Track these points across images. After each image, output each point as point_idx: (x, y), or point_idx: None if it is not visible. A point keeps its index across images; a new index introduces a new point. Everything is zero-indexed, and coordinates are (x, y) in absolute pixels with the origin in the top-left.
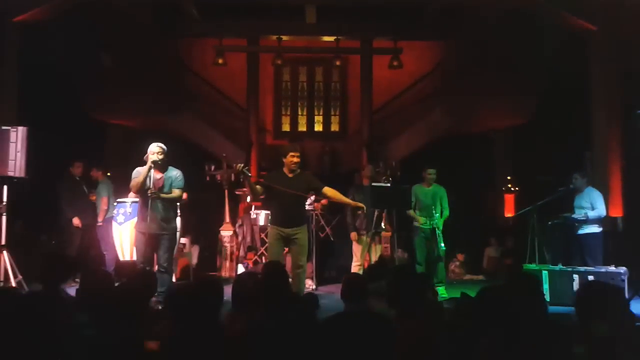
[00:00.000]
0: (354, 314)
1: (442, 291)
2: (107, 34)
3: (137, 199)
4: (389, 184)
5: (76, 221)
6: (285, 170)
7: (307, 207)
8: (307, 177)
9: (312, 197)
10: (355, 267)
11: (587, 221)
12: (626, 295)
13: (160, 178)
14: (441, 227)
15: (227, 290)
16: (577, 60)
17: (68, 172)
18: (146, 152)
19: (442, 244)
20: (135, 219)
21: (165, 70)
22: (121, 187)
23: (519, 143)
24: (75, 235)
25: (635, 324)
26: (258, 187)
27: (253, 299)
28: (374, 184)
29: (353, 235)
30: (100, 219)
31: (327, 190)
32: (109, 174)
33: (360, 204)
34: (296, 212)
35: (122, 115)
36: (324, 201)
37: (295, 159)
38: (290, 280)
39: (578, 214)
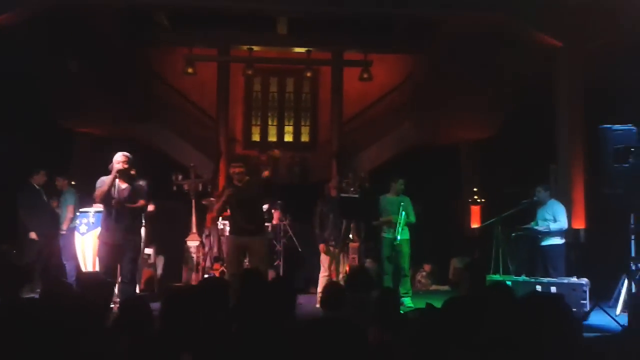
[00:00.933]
0: (332, 320)
1: (407, 302)
2: (76, 41)
3: (100, 209)
4: (357, 195)
5: (32, 235)
6: (235, 181)
7: (266, 217)
8: (255, 180)
9: (266, 206)
10: (323, 278)
11: (550, 233)
12: (587, 306)
13: (125, 188)
14: (407, 237)
15: None
16: (543, 75)
17: (27, 181)
18: (112, 161)
19: (406, 264)
20: (98, 229)
21: (134, 79)
22: (86, 196)
23: (486, 155)
24: (35, 244)
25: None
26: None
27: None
28: (342, 194)
29: (321, 246)
30: (64, 227)
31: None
32: (73, 182)
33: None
34: (250, 220)
35: (89, 123)
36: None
37: (237, 170)
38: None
39: (541, 226)
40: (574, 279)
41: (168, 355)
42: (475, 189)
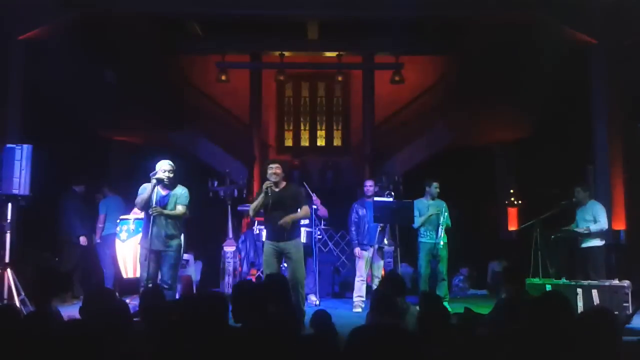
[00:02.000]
0: (386, 328)
1: (446, 306)
2: (111, 51)
3: (140, 216)
4: (391, 199)
5: (83, 239)
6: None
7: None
8: (294, 190)
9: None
10: (359, 283)
11: (590, 234)
12: (630, 309)
13: (166, 195)
14: (445, 241)
15: None
16: (578, 74)
17: (72, 189)
18: (152, 169)
19: (444, 268)
20: (139, 236)
21: (168, 87)
22: (122, 203)
23: (522, 156)
24: (75, 252)
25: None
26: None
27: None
28: (376, 198)
29: (357, 250)
30: (97, 237)
31: (303, 209)
32: (109, 190)
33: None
34: (288, 225)
35: (126, 132)
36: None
37: (273, 170)
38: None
39: (581, 227)
40: (616, 282)
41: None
42: (511, 191)
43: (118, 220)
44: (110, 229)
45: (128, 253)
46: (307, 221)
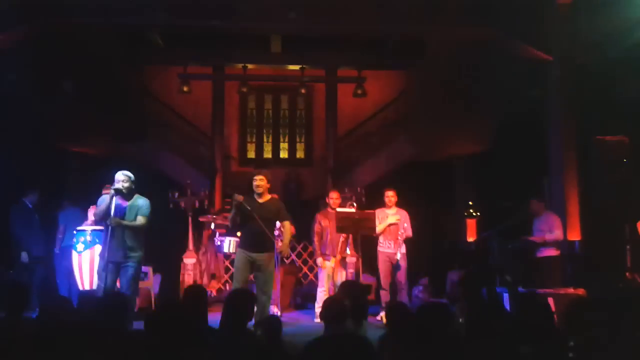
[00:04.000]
0: (336, 337)
1: None
2: (70, 61)
3: (98, 228)
4: (353, 209)
5: (24, 255)
6: (255, 196)
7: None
8: (276, 203)
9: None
10: (321, 293)
11: (546, 244)
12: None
13: (125, 206)
14: (404, 251)
15: None
16: (535, 89)
17: (21, 200)
18: (110, 181)
19: (403, 278)
20: (96, 247)
21: (128, 98)
22: (81, 215)
23: (480, 169)
24: (27, 265)
25: None
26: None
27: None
28: (339, 209)
29: (319, 261)
30: (57, 248)
31: (285, 225)
32: (68, 203)
33: (284, 251)
34: (265, 237)
35: (84, 143)
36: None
37: (257, 183)
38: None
39: (536, 237)
40: (571, 290)
41: None
42: (470, 203)
43: (74, 232)
44: (67, 241)
45: (85, 264)
46: None
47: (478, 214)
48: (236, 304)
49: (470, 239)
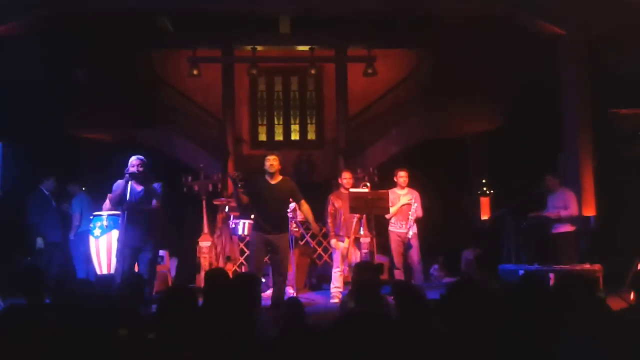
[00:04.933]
0: (369, 315)
1: None
2: (80, 48)
3: (113, 212)
4: (366, 190)
5: (39, 241)
6: (267, 177)
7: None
8: (289, 184)
9: (293, 204)
10: (336, 274)
11: (561, 220)
12: (602, 292)
13: (140, 190)
14: (415, 231)
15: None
16: (548, 64)
17: (37, 188)
18: (123, 166)
19: (416, 257)
20: (113, 232)
21: (139, 83)
22: (97, 200)
23: (493, 147)
24: (45, 251)
25: None
26: (244, 196)
27: None
28: (352, 189)
29: (333, 242)
30: (71, 235)
31: (303, 205)
32: (83, 188)
33: (315, 229)
34: (279, 218)
35: (96, 129)
36: (301, 217)
37: (270, 162)
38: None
39: (551, 213)
40: (587, 266)
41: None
42: (484, 181)
43: (91, 217)
44: (83, 226)
45: (102, 249)
46: None
47: (492, 191)
48: (243, 289)
49: (485, 217)
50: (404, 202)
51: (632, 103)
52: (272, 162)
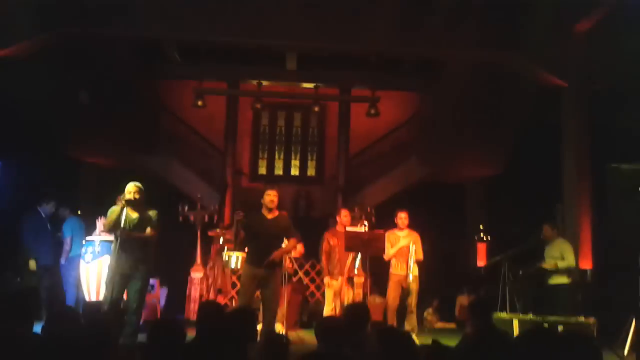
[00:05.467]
0: (324, 355)
1: (414, 338)
2: (86, 72)
3: (106, 238)
4: (364, 229)
5: (32, 264)
6: (264, 211)
7: None
8: (285, 220)
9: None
10: (328, 312)
11: (558, 271)
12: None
13: (135, 217)
14: (416, 273)
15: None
16: (549, 114)
17: (35, 209)
18: (122, 191)
19: (413, 301)
20: (105, 257)
21: (142, 110)
22: (92, 225)
23: (492, 193)
24: (36, 273)
25: None
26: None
27: None
28: (348, 228)
29: (326, 279)
30: (62, 259)
31: (289, 242)
32: (79, 212)
33: (275, 256)
34: (272, 253)
35: (97, 154)
36: (296, 254)
37: (271, 198)
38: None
39: (548, 264)
40: (582, 319)
41: None
42: (481, 227)
43: (84, 242)
44: (75, 251)
45: (92, 275)
46: None
47: (489, 238)
48: (238, 324)
49: (481, 263)
50: (403, 244)
51: (634, 157)
52: (272, 197)
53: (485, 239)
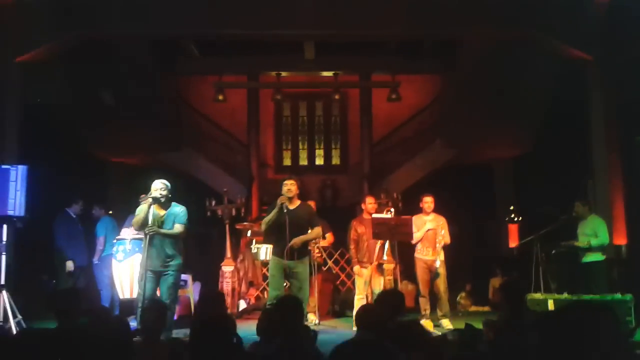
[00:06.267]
0: (366, 342)
1: (446, 323)
2: (108, 72)
3: (137, 236)
4: (390, 215)
5: (69, 264)
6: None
7: None
8: (308, 209)
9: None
10: (359, 301)
11: (591, 249)
12: (633, 323)
13: (162, 215)
14: (442, 258)
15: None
16: (575, 90)
17: (64, 211)
18: (147, 189)
19: (442, 285)
20: (136, 256)
21: (165, 107)
22: (121, 224)
23: (520, 173)
24: (72, 274)
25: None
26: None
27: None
28: (375, 215)
29: (356, 268)
30: (95, 258)
31: (312, 230)
32: (110, 212)
33: (295, 243)
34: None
35: (123, 153)
36: (326, 243)
37: (288, 187)
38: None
39: (581, 242)
40: (618, 296)
41: None
42: (511, 207)
43: (115, 241)
44: (107, 250)
45: (125, 273)
46: None
47: (520, 218)
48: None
49: (513, 244)
50: (429, 227)
51: None
52: (289, 186)
53: (516, 219)
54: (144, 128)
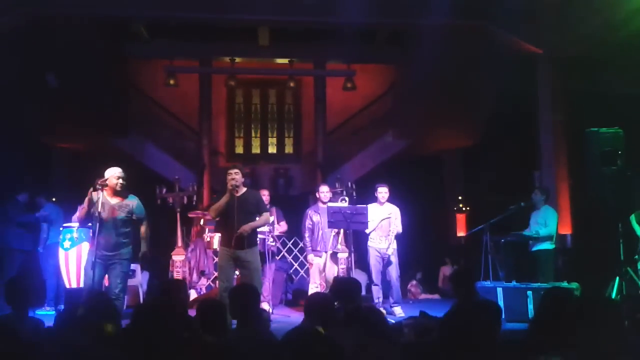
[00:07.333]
0: (304, 330)
1: (398, 311)
2: (54, 54)
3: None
4: (345, 204)
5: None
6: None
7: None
8: (255, 196)
9: (273, 218)
10: (313, 289)
11: (539, 238)
12: None
13: (115, 203)
14: (395, 247)
15: None
16: (524, 82)
17: (14, 198)
18: (95, 177)
19: (394, 273)
20: (83, 244)
21: (113, 92)
22: (67, 211)
23: (469, 163)
24: (15, 261)
25: None
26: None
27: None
28: (330, 204)
29: (310, 257)
30: (40, 247)
31: (260, 217)
32: (54, 199)
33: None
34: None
35: (68, 138)
36: (278, 232)
37: (232, 176)
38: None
39: (530, 231)
40: (565, 284)
41: None
42: (459, 197)
43: (61, 229)
44: (52, 238)
45: (71, 262)
46: (264, 228)
47: (467, 208)
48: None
49: (461, 233)
50: (383, 217)
51: (609, 122)
52: (234, 175)
53: (464, 209)
54: (90, 112)
